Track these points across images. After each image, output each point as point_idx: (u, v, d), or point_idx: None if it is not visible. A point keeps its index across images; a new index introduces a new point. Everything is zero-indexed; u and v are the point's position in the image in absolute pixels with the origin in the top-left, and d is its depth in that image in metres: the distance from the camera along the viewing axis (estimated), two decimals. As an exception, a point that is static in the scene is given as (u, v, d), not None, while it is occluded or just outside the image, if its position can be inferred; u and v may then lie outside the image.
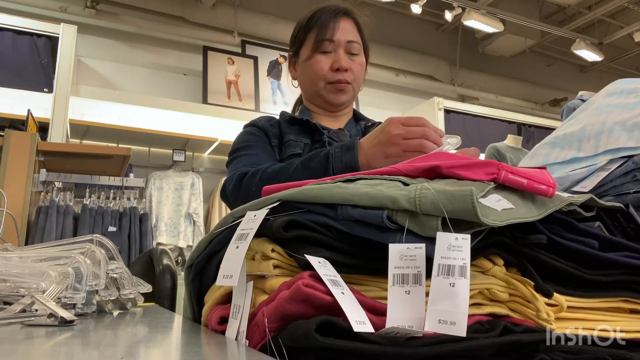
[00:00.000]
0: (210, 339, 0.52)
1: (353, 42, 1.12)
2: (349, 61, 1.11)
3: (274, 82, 4.76)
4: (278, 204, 0.55)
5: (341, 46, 1.11)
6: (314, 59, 1.11)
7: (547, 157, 0.97)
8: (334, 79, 1.10)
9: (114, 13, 4.35)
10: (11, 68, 3.35)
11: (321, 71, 1.11)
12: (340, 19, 1.12)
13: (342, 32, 1.11)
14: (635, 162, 0.81)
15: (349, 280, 0.47)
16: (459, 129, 5.07)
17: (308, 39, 1.13)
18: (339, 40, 1.10)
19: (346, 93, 1.13)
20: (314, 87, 1.13)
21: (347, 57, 1.11)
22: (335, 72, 1.10)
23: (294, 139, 1.08)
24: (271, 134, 1.11)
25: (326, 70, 1.10)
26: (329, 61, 1.10)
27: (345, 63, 1.09)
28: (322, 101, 1.15)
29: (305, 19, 1.15)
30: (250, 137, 1.12)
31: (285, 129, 1.12)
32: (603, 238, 0.55)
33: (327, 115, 1.17)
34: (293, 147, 1.07)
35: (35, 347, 0.43)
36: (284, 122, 1.14)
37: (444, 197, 0.45)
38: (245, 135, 1.13)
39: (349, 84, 1.12)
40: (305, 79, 1.16)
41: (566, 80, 6.54)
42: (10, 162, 2.09)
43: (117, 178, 2.51)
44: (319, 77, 1.11)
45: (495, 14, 5.21)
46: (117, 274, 0.68)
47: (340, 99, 1.13)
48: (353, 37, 1.12)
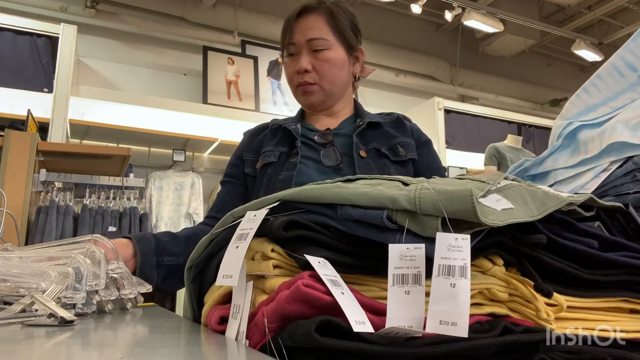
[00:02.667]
0: (210, 339, 0.52)
1: (315, 39, 1.06)
2: (311, 60, 1.07)
3: (274, 82, 4.76)
4: (278, 204, 0.55)
5: (302, 46, 1.07)
6: (285, 64, 1.12)
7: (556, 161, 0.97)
8: (297, 82, 1.09)
9: (114, 13, 4.35)
10: (11, 68, 3.35)
11: (289, 75, 1.11)
12: (298, 19, 1.08)
13: (301, 32, 1.07)
14: (635, 163, 0.82)
15: (348, 280, 0.47)
16: (458, 129, 5.07)
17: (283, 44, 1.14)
18: (298, 41, 1.07)
19: (313, 94, 1.09)
20: (291, 91, 1.14)
21: (309, 57, 1.07)
22: (298, 75, 1.08)
23: (271, 149, 1.09)
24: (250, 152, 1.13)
25: (293, 73, 1.09)
26: (295, 64, 1.08)
27: (305, 64, 1.06)
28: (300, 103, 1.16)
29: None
30: (229, 170, 1.17)
31: (268, 139, 1.12)
32: (603, 238, 0.55)
33: (320, 114, 1.15)
34: (268, 156, 1.08)
35: (35, 347, 0.43)
36: (269, 132, 1.14)
37: (444, 197, 0.45)
38: (229, 166, 1.17)
39: (313, 84, 1.08)
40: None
41: (566, 80, 6.54)
42: (10, 162, 2.09)
43: (117, 178, 2.52)
44: (290, 82, 1.12)
45: (495, 14, 5.21)
46: (117, 274, 0.68)
47: (309, 100, 1.10)
48: (315, 33, 1.06)
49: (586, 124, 0.96)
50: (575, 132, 0.98)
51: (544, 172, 1.00)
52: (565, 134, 0.98)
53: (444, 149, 4.70)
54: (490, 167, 3.76)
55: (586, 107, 1.00)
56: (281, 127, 1.12)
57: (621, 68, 0.97)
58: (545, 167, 1.00)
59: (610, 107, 0.96)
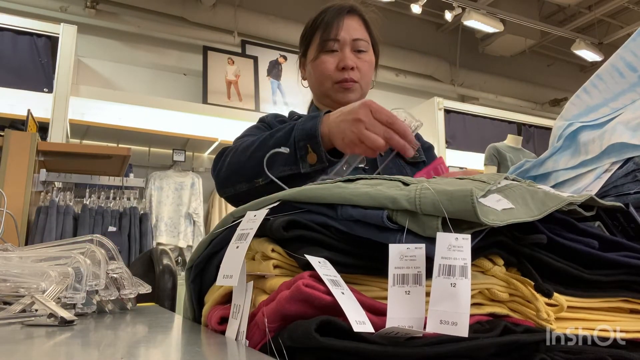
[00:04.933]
0: (210, 339, 0.52)
1: (359, 40, 1.10)
2: (355, 59, 1.09)
3: (274, 82, 4.76)
4: (278, 204, 0.55)
5: (347, 44, 1.10)
6: (320, 59, 1.11)
7: (556, 163, 0.97)
8: (339, 78, 1.09)
9: (114, 13, 4.35)
10: (11, 68, 3.35)
11: (327, 71, 1.10)
12: (344, 17, 1.11)
13: (347, 30, 1.10)
14: (635, 163, 0.81)
15: (349, 280, 0.47)
16: (459, 129, 5.07)
17: (314, 39, 1.13)
18: (344, 38, 1.09)
19: (353, 92, 1.11)
20: (322, 88, 1.13)
21: (353, 56, 1.10)
22: (341, 71, 1.09)
23: None
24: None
25: (332, 69, 1.09)
26: (335, 60, 1.09)
27: (351, 61, 1.08)
28: (330, 101, 1.14)
29: (312, 19, 1.15)
30: (254, 130, 1.13)
31: None
32: (603, 238, 0.55)
33: None
34: None
35: (35, 347, 0.43)
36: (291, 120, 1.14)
37: (444, 197, 0.45)
38: (250, 128, 1.14)
39: (356, 82, 1.10)
40: (313, 80, 1.16)
41: (566, 80, 6.54)
42: (10, 162, 2.09)
43: (117, 178, 2.51)
44: (326, 77, 1.11)
45: (495, 14, 5.21)
46: (117, 274, 0.68)
47: (348, 97, 1.11)
48: (359, 34, 1.11)
49: (587, 125, 0.96)
50: (576, 133, 0.98)
51: (544, 173, 1.00)
52: (566, 135, 0.98)
53: (444, 149, 4.70)
54: (490, 167, 3.76)
55: (586, 107, 1.00)
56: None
57: (621, 68, 0.97)
58: (545, 169, 1.00)
59: (610, 107, 0.96)
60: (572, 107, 1.03)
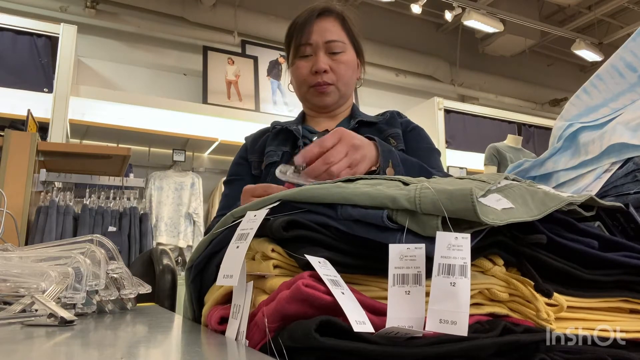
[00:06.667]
0: (210, 339, 0.52)
1: (333, 41, 1.10)
2: (329, 61, 1.09)
3: (274, 82, 4.76)
4: (278, 204, 0.55)
5: (320, 48, 1.09)
6: (295, 65, 1.12)
7: (556, 163, 0.97)
8: (314, 82, 1.10)
9: (114, 13, 4.35)
10: (11, 68, 3.35)
11: (302, 76, 1.11)
12: (315, 21, 1.10)
13: (319, 33, 1.09)
14: (635, 163, 0.82)
15: (349, 280, 0.47)
16: (459, 129, 5.08)
17: (291, 45, 1.14)
18: (316, 42, 1.09)
19: (329, 95, 1.11)
20: (300, 92, 1.15)
21: (326, 58, 1.09)
22: (314, 75, 1.09)
23: (274, 149, 1.10)
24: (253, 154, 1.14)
25: (306, 74, 1.10)
26: (309, 65, 1.10)
27: (324, 64, 1.08)
28: (310, 104, 1.16)
29: (290, 24, 1.16)
30: (234, 169, 1.16)
31: (270, 140, 1.13)
32: (603, 238, 0.55)
33: (321, 116, 1.18)
34: (271, 156, 1.09)
35: (35, 347, 0.43)
36: (272, 134, 1.15)
37: (444, 196, 0.45)
38: (233, 166, 1.17)
39: (331, 85, 1.10)
40: (294, 85, 1.18)
41: (566, 80, 6.54)
42: (10, 162, 2.09)
43: (117, 178, 2.51)
44: (301, 82, 1.12)
45: (495, 14, 5.21)
46: (117, 274, 0.68)
47: (324, 101, 1.12)
48: (333, 35, 1.10)
49: (587, 126, 0.96)
50: (576, 134, 0.98)
51: (545, 174, 1.00)
52: (566, 135, 0.98)
53: (444, 149, 4.70)
54: (490, 167, 3.76)
55: (586, 108, 1.00)
56: (283, 128, 1.14)
57: (621, 69, 0.97)
58: (546, 169, 1.00)
59: (610, 108, 0.96)
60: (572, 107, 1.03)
